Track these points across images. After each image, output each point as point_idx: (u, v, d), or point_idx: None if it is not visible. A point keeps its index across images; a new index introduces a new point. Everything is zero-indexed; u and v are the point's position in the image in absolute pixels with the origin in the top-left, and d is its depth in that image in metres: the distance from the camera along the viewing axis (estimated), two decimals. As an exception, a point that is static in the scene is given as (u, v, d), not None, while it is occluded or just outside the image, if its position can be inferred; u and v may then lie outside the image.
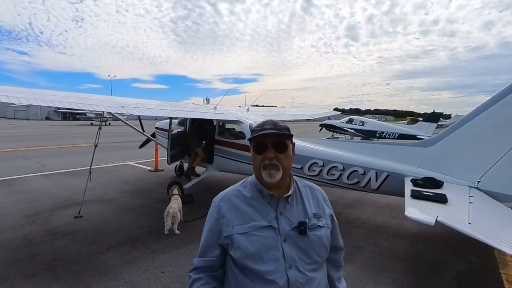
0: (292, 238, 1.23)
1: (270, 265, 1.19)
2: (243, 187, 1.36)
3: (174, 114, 5.73)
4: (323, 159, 4.94)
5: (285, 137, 1.29)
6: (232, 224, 1.26)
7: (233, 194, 1.34)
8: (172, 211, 4.68)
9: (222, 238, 1.28)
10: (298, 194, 1.35)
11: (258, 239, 1.22)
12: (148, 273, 3.61)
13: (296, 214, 1.28)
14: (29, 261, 3.83)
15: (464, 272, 3.75)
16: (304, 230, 1.24)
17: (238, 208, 1.29)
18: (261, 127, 1.29)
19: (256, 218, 1.25)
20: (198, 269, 1.31)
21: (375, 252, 4.23)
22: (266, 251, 1.20)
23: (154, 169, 9.64)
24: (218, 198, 1.36)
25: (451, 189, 3.62)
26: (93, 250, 4.17)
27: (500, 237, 2.64)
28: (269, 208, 1.28)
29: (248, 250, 1.21)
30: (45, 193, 6.90)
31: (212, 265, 1.31)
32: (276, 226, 1.24)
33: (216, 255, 1.30)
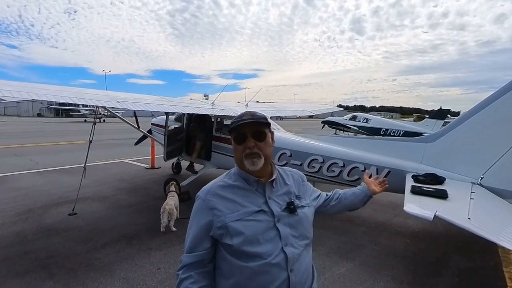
0: (284, 218, 1.30)
1: (267, 246, 1.23)
2: (228, 178, 1.39)
3: (171, 109, 5.62)
4: (323, 156, 4.87)
5: (263, 125, 1.35)
6: (225, 214, 1.27)
7: (219, 186, 1.35)
8: (169, 207, 4.59)
9: (214, 230, 1.27)
10: (280, 178, 1.42)
11: (252, 223, 1.25)
12: (144, 270, 3.53)
13: (281, 196, 1.36)
14: (22, 259, 3.72)
15: (466, 270, 3.71)
16: (294, 209, 1.33)
17: (227, 198, 1.31)
18: (240, 118, 1.34)
19: (246, 205, 1.29)
20: (187, 267, 1.27)
21: (375, 250, 4.18)
22: (262, 234, 1.24)
23: (151, 167, 9.52)
24: (203, 192, 1.36)
25: (452, 185, 3.58)
26: (87, 247, 4.07)
27: (501, 232, 2.60)
28: (257, 194, 1.33)
29: (244, 235, 1.23)
30: (38, 191, 6.75)
31: (202, 260, 1.28)
32: (267, 209, 1.29)
33: (206, 248, 1.29)
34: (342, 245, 4.28)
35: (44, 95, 4.11)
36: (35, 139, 17.06)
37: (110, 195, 6.51)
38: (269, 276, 1.21)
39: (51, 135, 20.34)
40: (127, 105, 4.74)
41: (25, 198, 6.19)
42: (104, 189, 6.95)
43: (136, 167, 9.70)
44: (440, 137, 4.17)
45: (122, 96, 5.26)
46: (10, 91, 3.62)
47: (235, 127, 1.33)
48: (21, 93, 3.73)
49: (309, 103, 14.86)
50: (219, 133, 6.37)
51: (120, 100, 4.78)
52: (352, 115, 20.50)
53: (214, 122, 6.51)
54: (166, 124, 6.41)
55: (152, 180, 8.00)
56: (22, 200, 6.06)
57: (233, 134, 1.35)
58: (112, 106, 4.64)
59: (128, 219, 5.12)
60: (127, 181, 7.79)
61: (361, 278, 3.45)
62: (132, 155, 11.49)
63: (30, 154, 11.73)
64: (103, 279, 3.33)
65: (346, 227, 4.90)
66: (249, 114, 1.34)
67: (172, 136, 6.50)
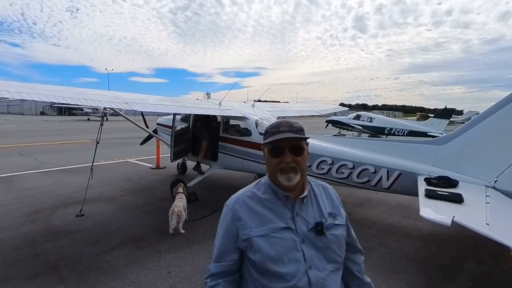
0: (310, 238, 1.23)
1: (291, 266, 1.18)
2: (257, 189, 1.33)
3: (178, 110, 5.59)
4: (332, 157, 4.83)
5: (302, 139, 1.27)
6: (250, 227, 1.23)
7: (247, 196, 1.31)
8: (177, 210, 4.56)
9: (239, 242, 1.24)
10: (312, 194, 1.34)
11: (277, 241, 1.20)
12: (154, 273, 3.51)
13: (312, 214, 1.28)
14: (32, 261, 3.70)
15: (479, 274, 3.66)
16: (322, 230, 1.24)
17: (254, 210, 1.26)
18: (276, 129, 1.26)
19: (273, 220, 1.24)
20: (215, 275, 1.25)
21: (386, 253, 4.14)
22: (286, 253, 1.19)
23: (156, 167, 9.49)
24: (232, 201, 1.32)
25: (466, 189, 3.53)
26: (97, 249, 4.05)
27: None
28: (285, 210, 1.26)
29: (268, 253, 1.18)
30: (44, 191, 6.74)
31: (229, 270, 1.26)
32: (294, 227, 1.23)
33: (234, 259, 1.26)
34: (353, 248, 4.23)
35: (53, 97, 4.09)
36: (39, 138, 17.07)
37: (116, 196, 6.50)
38: None
39: (55, 134, 20.36)
40: (135, 106, 4.71)
41: (32, 198, 6.18)
42: (110, 190, 6.94)
43: (141, 167, 9.69)
44: (453, 139, 4.12)
45: (129, 97, 5.24)
46: (10, 92, 3.56)
47: (269, 140, 1.25)
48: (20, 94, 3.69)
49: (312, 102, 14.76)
50: (225, 133, 6.33)
51: (128, 101, 4.76)
52: (356, 114, 20.30)
53: (221, 122, 6.47)
54: (173, 124, 6.38)
55: (158, 180, 7.97)
56: (29, 200, 6.05)
57: (269, 145, 1.26)
58: (121, 108, 4.61)
59: (135, 221, 5.10)
60: (133, 181, 7.77)
61: (375, 283, 3.33)
62: (136, 154, 11.48)
63: (35, 153, 11.73)
64: (114, 282, 3.30)
65: (356, 229, 4.74)
66: (286, 125, 1.26)
67: (178, 136, 6.47)
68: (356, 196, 6.56)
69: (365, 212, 5.76)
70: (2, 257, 3.78)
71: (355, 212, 5.72)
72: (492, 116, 3.79)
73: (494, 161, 3.75)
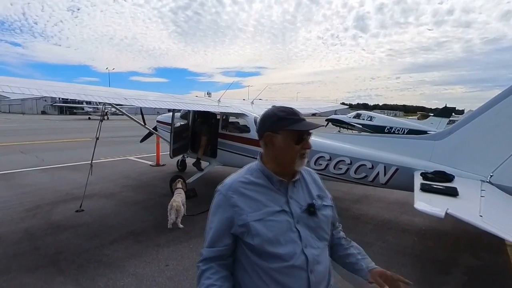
0: (303, 219, 1.29)
1: (288, 247, 1.22)
2: (249, 174, 1.35)
3: (178, 107, 5.63)
4: (330, 153, 4.86)
5: None
6: (246, 212, 1.25)
7: (241, 182, 1.32)
8: (176, 204, 4.61)
9: (235, 227, 1.26)
10: (302, 178, 1.40)
11: (274, 224, 1.24)
12: (152, 266, 3.55)
13: (303, 197, 1.34)
14: (32, 254, 3.75)
15: (474, 268, 3.69)
16: (314, 211, 1.31)
17: (249, 195, 1.28)
18: (298, 116, 1.30)
19: (268, 204, 1.27)
20: (208, 259, 1.28)
21: (382, 247, 4.17)
22: (283, 235, 1.23)
23: (156, 164, 9.54)
24: (225, 187, 1.32)
25: (462, 183, 3.56)
26: (96, 243, 4.10)
27: (512, 230, 2.58)
28: (279, 194, 1.31)
29: (266, 236, 1.22)
30: (45, 187, 6.79)
31: (222, 255, 1.29)
32: (288, 210, 1.28)
33: (227, 244, 1.28)
34: (349, 242, 4.27)
35: (53, 92, 4.13)
36: (40, 137, 17.14)
37: (116, 192, 6.54)
38: (290, 278, 1.22)
39: (56, 133, 20.44)
40: (134, 102, 4.75)
41: (32, 194, 6.23)
42: (110, 186, 6.98)
43: (141, 164, 9.73)
44: (449, 134, 4.15)
45: (129, 93, 5.27)
46: (10, 87, 3.57)
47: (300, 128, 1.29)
48: (31, 90, 3.74)
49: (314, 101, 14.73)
50: (225, 130, 6.37)
51: (127, 97, 4.79)
52: (356, 113, 20.38)
53: (220, 119, 6.51)
54: (172, 121, 6.42)
55: (158, 177, 8.02)
56: (30, 196, 6.10)
57: (294, 133, 1.29)
58: (120, 103, 4.65)
59: (135, 216, 5.14)
60: (133, 178, 7.82)
61: (370, 276, 3.44)
62: (137, 152, 11.54)
63: (36, 151, 11.80)
64: (113, 275, 3.35)
65: (353, 224, 4.88)
66: (300, 113, 1.33)
67: (178, 133, 6.51)
68: (355, 193, 6.59)
69: (363, 208, 5.79)
70: (3, 250, 3.83)
71: (353, 208, 5.75)
72: (488, 111, 3.82)
73: (490, 156, 3.78)
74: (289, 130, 1.28)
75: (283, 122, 1.29)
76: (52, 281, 3.20)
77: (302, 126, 1.28)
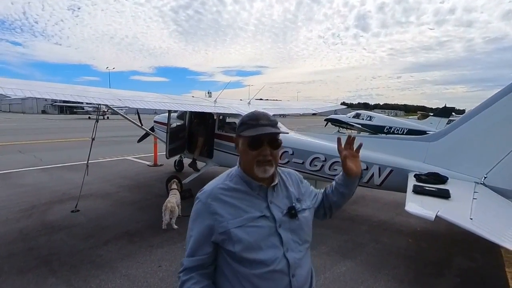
0: (285, 223, 1.28)
1: (269, 252, 1.22)
2: (229, 180, 1.34)
3: (173, 107, 5.63)
4: (325, 154, 4.85)
5: (279, 133, 1.29)
6: (227, 220, 1.24)
7: (220, 188, 1.31)
8: (170, 205, 4.61)
9: (216, 235, 1.25)
10: (281, 182, 1.39)
11: (255, 229, 1.23)
12: (145, 267, 3.56)
13: (283, 200, 1.33)
14: (25, 255, 3.76)
15: (467, 270, 3.68)
16: (295, 213, 1.31)
17: (229, 202, 1.27)
18: (256, 122, 1.26)
19: (248, 210, 1.26)
20: (188, 269, 1.27)
21: (376, 248, 4.17)
22: (263, 240, 1.23)
23: (153, 164, 9.55)
24: (205, 195, 1.30)
25: (455, 185, 3.55)
26: (90, 244, 4.10)
27: (503, 233, 2.58)
28: (259, 199, 1.30)
29: (247, 241, 1.21)
30: (42, 187, 6.80)
31: (203, 263, 1.28)
32: (269, 214, 1.27)
33: (207, 252, 1.27)
34: (343, 243, 4.27)
35: (46, 93, 4.12)
36: (39, 136, 17.19)
37: (113, 192, 6.55)
38: (272, 282, 1.22)
39: (55, 132, 20.49)
40: (129, 103, 4.75)
41: (29, 194, 6.24)
42: (107, 186, 6.99)
43: (139, 165, 9.74)
44: (444, 136, 4.13)
45: (124, 94, 5.27)
46: (12, 89, 3.62)
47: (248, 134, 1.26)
48: (23, 92, 3.74)
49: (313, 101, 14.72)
50: (221, 131, 6.36)
51: (122, 98, 4.79)
52: (355, 113, 20.33)
53: (216, 120, 6.50)
54: (168, 122, 6.41)
55: (155, 177, 8.02)
56: (26, 196, 6.11)
57: (247, 138, 1.27)
58: (114, 104, 4.64)
59: (130, 216, 5.15)
60: (130, 179, 7.82)
61: (362, 277, 3.44)
62: (135, 152, 11.54)
63: (35, 150, 11.82)
64: (105, 276, 3.35)
65: (347, 225, 4.88)
66: (265, 119, 1.28)
67: (174, 133, 6.50)
68: (351, 194, 6.58)
69: (359, 209, 5.78)
70: (-4, 251, 3.84)
71: (348, 209, 5.73)
72: (482, 113, 3.80)
73: (484, 157, 3.76)
74: (245, 135, 1.27)
75: (242, 126, 1.29)
76: (44, 283, 3.20)
77: (253, 131, 1.24)
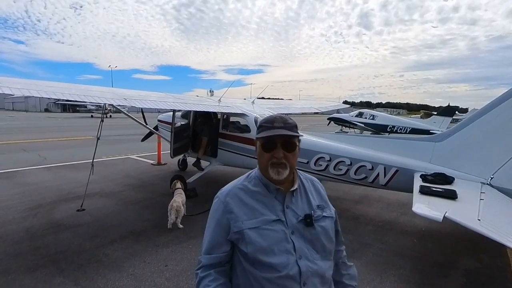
0: (299, 230, 1.27)
1: (282, 257, 1.21)
2: (248, 182, 1.36)
3: (177, 107, 5.64)
4: (330, 154, 4.85)
5: (295, 136, 1.29)
6: (242, 220, 1.26)
7: (239, 189, 1.33)
8: (176, 205, 4.62)
9: (231, 234, 1.27)
10: (302, 188, 1.37)
11: (269, 233, 1.23)
12: (151, 266, 3.57)
13: (301, 207, 1.31)
14: (32, 254, 3.78)
15: (473, 270, 3.68)
16: (311, 222, 1.28)
17: (246, 203, 1.29)
18: (271, 124, 1.27)
19: (264, 213, 1.27)
20: (206, 267, 1.29)
21: (381, 249, 4.16)
22: (277, 244, 1.22)
23: (157, 163, 9.58)
24: (223, 194, 1.34)
25: (462, 185, 3.55)
26: (96, 243, 4.12)
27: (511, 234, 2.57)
28: (275, 202, 1.30)
29: (260, 244, 1.21)
30: (47, 186, 6.84)
31: (221, 261, 1.30)
32: (284, 219, 1.26)
33: (225, 251, 1.29)
34: (348, 243, 4.25)
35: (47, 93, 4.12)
36: (43, 134, 17.25)
37: (117, 191, 6.57)
38: None
39: (59, 131, 20.56)
40: (134, 103, 4.76)
41: (34, 193, 6.28)
42: (111, 185, 7.02)
43: (143, 163, 9.77)
44: (450, 136, 4.12)
45: (129, 94, 5.28)
46: (11, 89, 3.61)
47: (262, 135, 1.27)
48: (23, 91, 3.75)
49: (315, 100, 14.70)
50: (225, 130, 6.37)
51: (127, 97, 4.80)
52: (358, 112, 20.25)
53: (220, 119, 6.51)
54: (173, 121, 6.42)
55: (159, 176, 8.04)
56: (31, 195, 6.14)
57: (261, 140, 1.28)
58: (120, 104, 4.66)
59: (135, 216, 5.17)
60: (134, 177, 7.85)
61: (368, 278, 3.44)
62: (138, 151, 11.57)
63: (38, 149, 11.87)
64: (112, 275, 3.37)
65: (353, 225, 4.88)
66: (280, 121, 1.27)
67: (178, 133, 6.52)
68: (355, 193, 6.58)
69: (363, 209, 5.77)
70: (3, 250, 3.86)
71: (353, 209, 5.74)
72: (489, 113, 3.79)
73: (491, 158, 3.75)
74: (259, 137, 1.29)
75: (259, 129, 1.31)
76: (52, 282, 3.22)
77: (266, 133, 1.26)
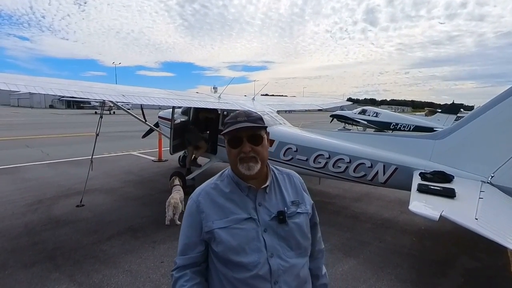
0: (272, 227, 1.24)
1: (253, 256, 1.20)
2: (220, 181, 1.34)
3: (177, 103, 5.61)
4: (329, 151, 4.81)
5: (260, 128, 1.28)
6: (212, 219, 1.24)
7: (211, 188, 1.32)
8: (174, 201, 4.63)
9: (203, 234, 1.26)
10: (275, 183, 1.35)
11: (239, 232, 1.22)
12: (147, 263, 3.58)
13: (275, 203, 1.29)
14: (30, 250, 3.80)
15: (472, 270, 3.64)
16: (283, 219, 1.25)
17: (217, 202, 1.28)
18: (234, 120, 1.26)
19: (235, 211, 1.25)
20: (181, 267, 1.28)
21: (380, 247, 4.13)
22: (248, 243, 1.21)
23: (158, 159, 9.60)
24: (196, 193, 1.33)
25: (461, 184, 3.49)
26: (93, 239, 4.14)
27: (509, 234, 2.52)
28: (247, 200, 1.28)
29: (230, 244, 1.20)
30: (48, 182, 6.88)
31: (196, 261, 1.29)
32: (256, 217, 1.25)
33: (200, 251, 1.28)
34: (346, 241, 4.24)
35: (51, 89, 4.13)
36: (46, 131, 17.38)
37: (117, 187, 6.60)
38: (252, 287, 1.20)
39: (62, 127, 20.67)
40: (133, 99, 4.75)
41: (35, 189, 6.32)
42: (111, 181, 7.04)
43: (144, 160, 9.80)
44: (450, 134, 4.06)
45: (129, 90, 5.27)
46: (18, 85, 3.65)
47: (229, 131, 1.25)
48: (28, 87, 3.76)
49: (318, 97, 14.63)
50: (225, 127, 6.34)
51: (126, 94, 4.79)
52: (361, 109, 20.05)
53: (220, 115, 6.49)
54: (172, 117, 6.41)
55: (159, 173, 8.06)
56: (32, 191, 6.18)
57: (227, 136, 1.27)
58: (118, 100, 4.65)
59: (134, 212, 5.18)
60: (134, 174, 7.87)
61: (364, 276, 3.42)
62: (139, 147, 11.61)
63: (41, 145, 11.96)
64: (108, 271, 3.38)
65: (351, 223, 4.85)
66: (243, 115, 1.26)
67: (178, 129, 6.51)
68: (355, 191, 6.54)
69: (363, 207, 5.74)
70: (1, 245, 3.89)
71: (352, 207, 5.71)
72: (489, 110, 3.72)
73: (491, 156, 3.69)
74: (224, 134, 1.27)
75: (224, 126, 1.29)
76: (48, 278, 3.24)
77: (229, 128, 1.25)
